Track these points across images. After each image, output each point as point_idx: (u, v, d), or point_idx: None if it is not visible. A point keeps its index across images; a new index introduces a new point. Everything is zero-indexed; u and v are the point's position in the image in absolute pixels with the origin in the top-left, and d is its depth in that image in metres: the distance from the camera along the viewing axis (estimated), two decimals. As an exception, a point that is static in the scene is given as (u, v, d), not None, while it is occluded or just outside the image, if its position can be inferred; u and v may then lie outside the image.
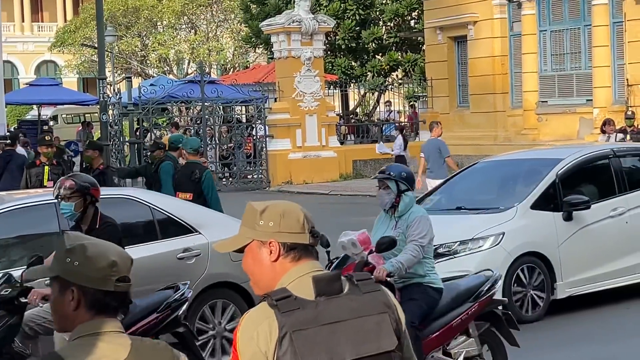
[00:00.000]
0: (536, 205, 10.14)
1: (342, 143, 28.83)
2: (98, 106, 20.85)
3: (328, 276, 2.86)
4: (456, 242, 9.78)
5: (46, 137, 13.22)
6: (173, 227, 8.65)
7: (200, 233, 8.64)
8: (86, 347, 2.70)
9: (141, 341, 2.81)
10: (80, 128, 34.76)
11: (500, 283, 8.08)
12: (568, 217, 10.08)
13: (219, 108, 28.19)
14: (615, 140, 17.42)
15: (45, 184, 12.18)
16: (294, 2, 27.01)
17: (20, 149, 16.31)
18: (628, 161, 11.31)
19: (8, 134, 15.54)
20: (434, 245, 9.22)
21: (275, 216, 2.91)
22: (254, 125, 27.41)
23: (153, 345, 2.84)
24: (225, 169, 27.71)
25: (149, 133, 25.49)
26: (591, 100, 23.93)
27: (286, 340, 2.75)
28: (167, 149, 12.85)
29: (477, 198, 11.15)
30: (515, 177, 11.25)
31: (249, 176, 26.79)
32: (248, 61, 47.53)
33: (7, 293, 6.76)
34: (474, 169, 11.91)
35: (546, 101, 25.37)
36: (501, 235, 9.79)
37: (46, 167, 12.54)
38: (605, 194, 10.70)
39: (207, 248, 8.51)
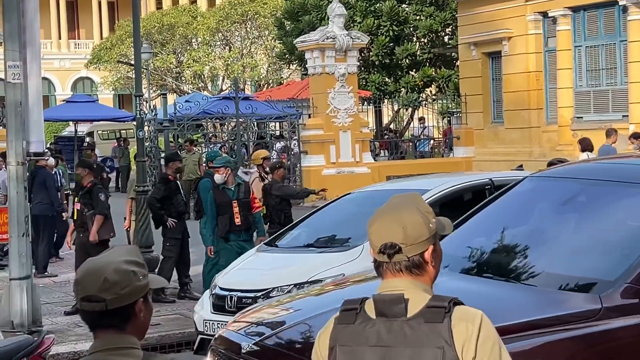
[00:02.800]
0: None
1: (375, 159, 28.83)
2: (134, 122, 21.07)
3: (389, 298, 2.77)
4: (291, 284, 8.66)
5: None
6: None
7: None
8: None
9: (154, 357, 2.82)
10: (116, 144, 35.02)
11: None
12: None
13: (253, 124, 28.30)
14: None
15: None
16: (328, 18, 27.10)
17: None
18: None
19: (47, 150, 15.70)
20: (267, 289, 8.69)
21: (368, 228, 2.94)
22: (288, 142, 27.49)
23: None
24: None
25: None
26: (627, 116, 23.77)
27: (333, 352, 2.80)
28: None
29: (334, 234, 9.95)
30: None
31: (283, 192, 26.83)
32: (282, 77, 47.70)
33: None
34: (344, 200, 10.60)
35: (582, 117, 25.23)
36: (340, 277, 8.29)
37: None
38: None
39: None
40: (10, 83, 9.72)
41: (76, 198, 12.42)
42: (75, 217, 12.31)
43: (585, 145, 18.62)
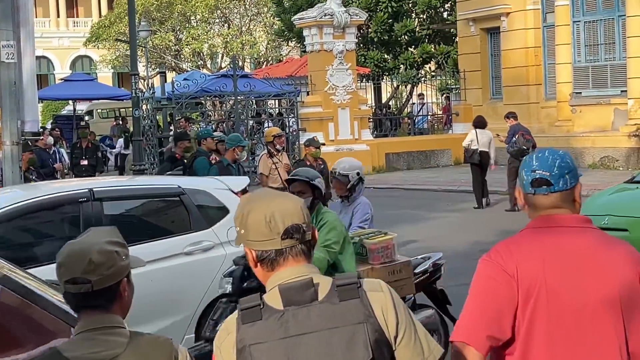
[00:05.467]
0: None
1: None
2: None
3: (297, 284, 2.67)
4: None
5: (29, 142, 12.96)
6: None
7: None
8: (85, 341, 2.79)
9: (141, 335, 2.85)
10: (114, 123, 34.97)
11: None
12: None
13: (252, 102, 28.23)
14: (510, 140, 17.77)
15: None
16: (326, -5, 27.00)
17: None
18: (114, 206, 8.06)
19: (41, 129, 15.75)
20: None
21: (243, 223, 2.74)
22: (286, 119, 27.45)
23: (153, 339, 2.88)
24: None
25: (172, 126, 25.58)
26: (626, 91, 23.72)
27: (245, 353, 2.63)
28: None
29: None
30: None
31: (281, 169, 26.79)
32: (281, 55, 47.58)
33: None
34: None
35: (580, 92, 25.18)
36: None
37: None
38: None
39: None
40: (4, 63, 9.71)
41: None
42: None
43: (477, 122, 19.02)
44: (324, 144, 13.81)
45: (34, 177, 12.76)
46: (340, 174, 7.64)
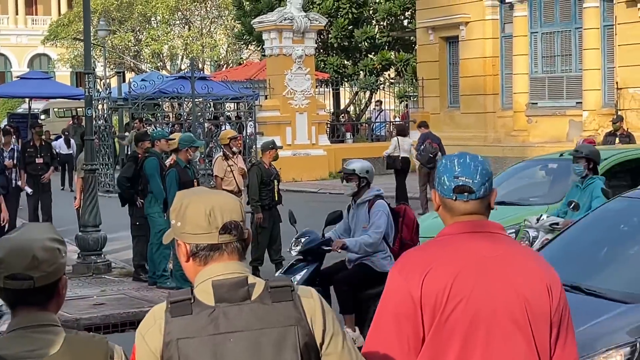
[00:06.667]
0: None
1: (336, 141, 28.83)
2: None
3: (231, 282, 2.65)
4: None
5: None
6: None
7: None
8: (18, 339, 2.72)
9: (76, 334, 2.80)
10: (71, 122, 34.65)
11: None
12: None
13: (210, 104, 28.13)
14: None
15: None
16: (287, -1, 27.01)
17: None
18: None
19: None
20: None
21: (180, 215, 2.72)
22: (244, 123, 27.38)
23: (88, 338, 2.82)
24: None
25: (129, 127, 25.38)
26: (581, 102, 23.95)
27: (172, 347, 2.61)
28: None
29: None
30: None
31: (238, 173, 26.71)
32: (242, 58, 47.51)
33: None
34: None
35: (536, 103, 25.39)
36: None
37: None
38: None
39: None
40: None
41: None
42: None
43: (400, 130, 19.78)
44: (281, 147, 13.79)
45: None
46: None
